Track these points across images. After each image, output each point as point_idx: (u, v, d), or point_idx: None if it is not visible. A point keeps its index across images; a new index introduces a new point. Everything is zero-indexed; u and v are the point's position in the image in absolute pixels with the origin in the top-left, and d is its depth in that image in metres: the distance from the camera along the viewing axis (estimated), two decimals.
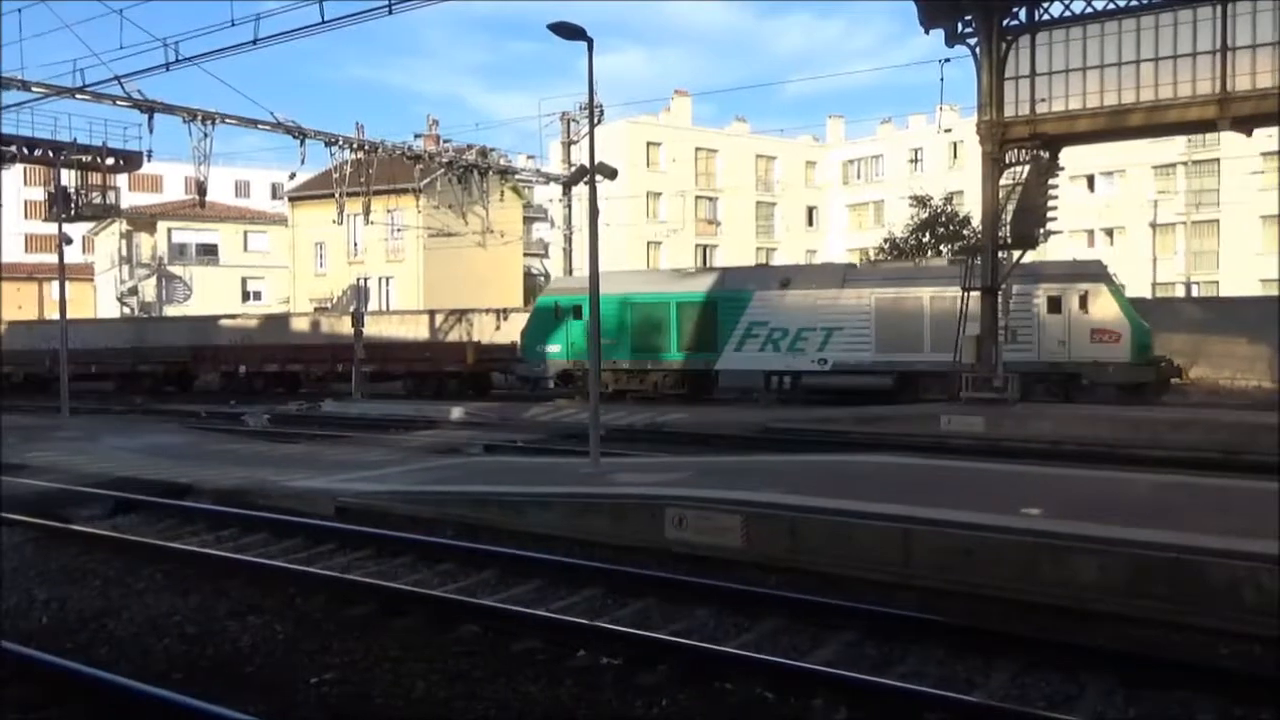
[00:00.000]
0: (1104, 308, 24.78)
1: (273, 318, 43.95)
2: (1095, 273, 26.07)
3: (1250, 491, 10.80)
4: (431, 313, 44.51)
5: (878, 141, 72.82)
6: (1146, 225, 55.50)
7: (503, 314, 42.59)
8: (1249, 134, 23.13)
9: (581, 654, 6.85)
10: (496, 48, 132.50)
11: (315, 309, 50.66)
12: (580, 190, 33.05)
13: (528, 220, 65.21)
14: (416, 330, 39.08)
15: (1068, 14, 22.46)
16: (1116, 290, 25.54)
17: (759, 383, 28.41)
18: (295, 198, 53.24)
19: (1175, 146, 54.00)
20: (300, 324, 40.86)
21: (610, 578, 8.65)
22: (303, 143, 30.98)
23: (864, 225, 70.51)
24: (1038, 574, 8.01)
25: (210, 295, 56.87)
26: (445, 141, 41.48)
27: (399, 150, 35.66)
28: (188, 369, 38.30)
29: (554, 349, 30.38)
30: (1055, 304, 25.04)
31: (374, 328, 35.97)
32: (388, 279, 51.39)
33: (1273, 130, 27.95)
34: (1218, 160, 53.68)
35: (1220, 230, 55.58)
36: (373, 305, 47.06)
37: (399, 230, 48.11)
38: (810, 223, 75.21)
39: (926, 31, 23.65)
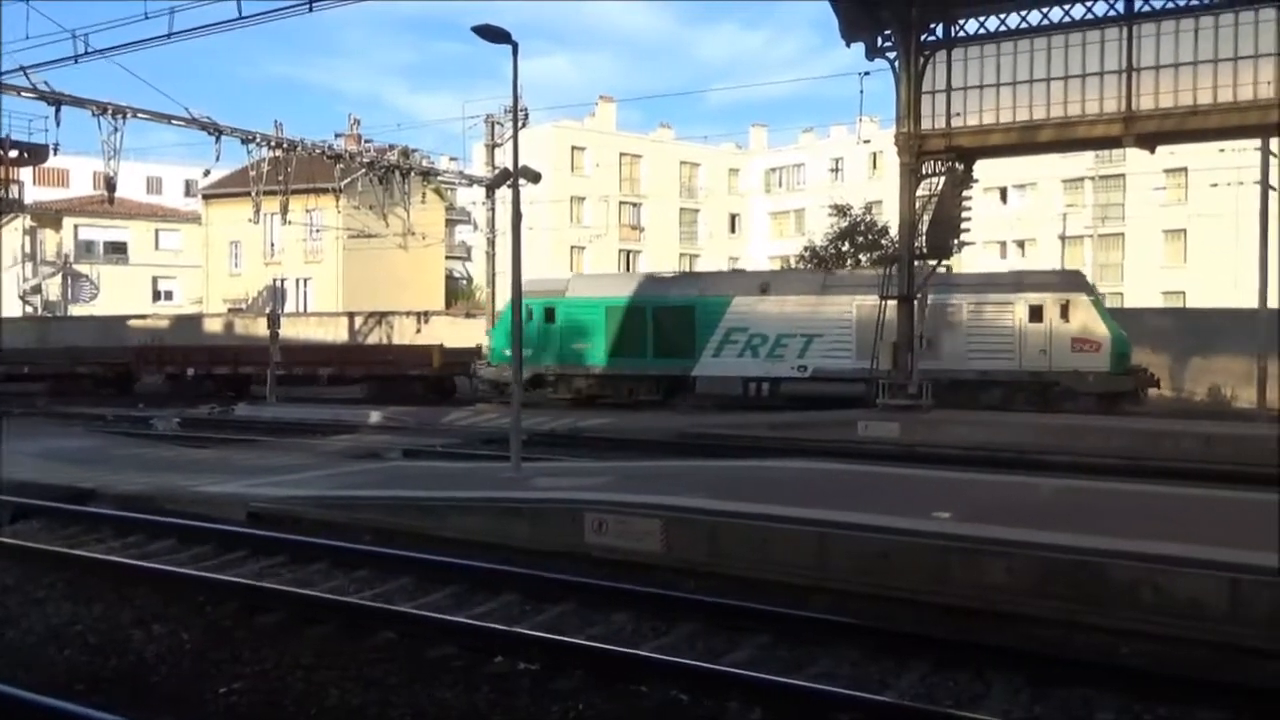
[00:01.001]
0: (1085, 318, 24.88)
1: (186, 318, 42.81)
2: (1076, 283, 26.26)
3: (1148, 496, 11.23)
4: (350, 315, 43.84)
5: (799, 150, 73.90)
6: (1056, 237, 57.28)
7: (423, 317, 42.03)
8: (1152, 151, 24.10)
9: (498, 660, 6.81)
10: (421, 48, 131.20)
11: (229, 310, 49.53)
12: (504, 193, 32.90)
13: (450, 223, 64.71)
14: (336, 332, 38.46)
15: (982, 31, 23.12)
16: (1097, 300, 25.83)
17: (737, 389, 28.06)
18: (210, 195, 51.96)
19: (1083, 162, 55.89)
20: (252, 325, 39.59)
21: (529, 583, 8.61)
22: (218, 139, 30.23)
23: (785, 233, 71.45)
24: (949, 576, 8.20)
25: (119, 295, 55.19)
26: (367, 141, 40.87)
27: (319, 149, 35.02)
28: (129, 370, 36.28)
29: (525, 352, 29.77)
30: (1037, 313, 25.07)
31: (319, 331, 35.10)
32: (305, 280, 50.47)
33: (1174, 148, 29.11)
34: (1123, 176, 55.71)
35: (1125, 244, 57.64)
36: (290, 306, 46.19)
37: (318, 231, 47.28)
38: (733, 229, 75.99)
39: (848, 44, 24.13)
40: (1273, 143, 27.34)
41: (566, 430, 22.09)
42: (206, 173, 42.79)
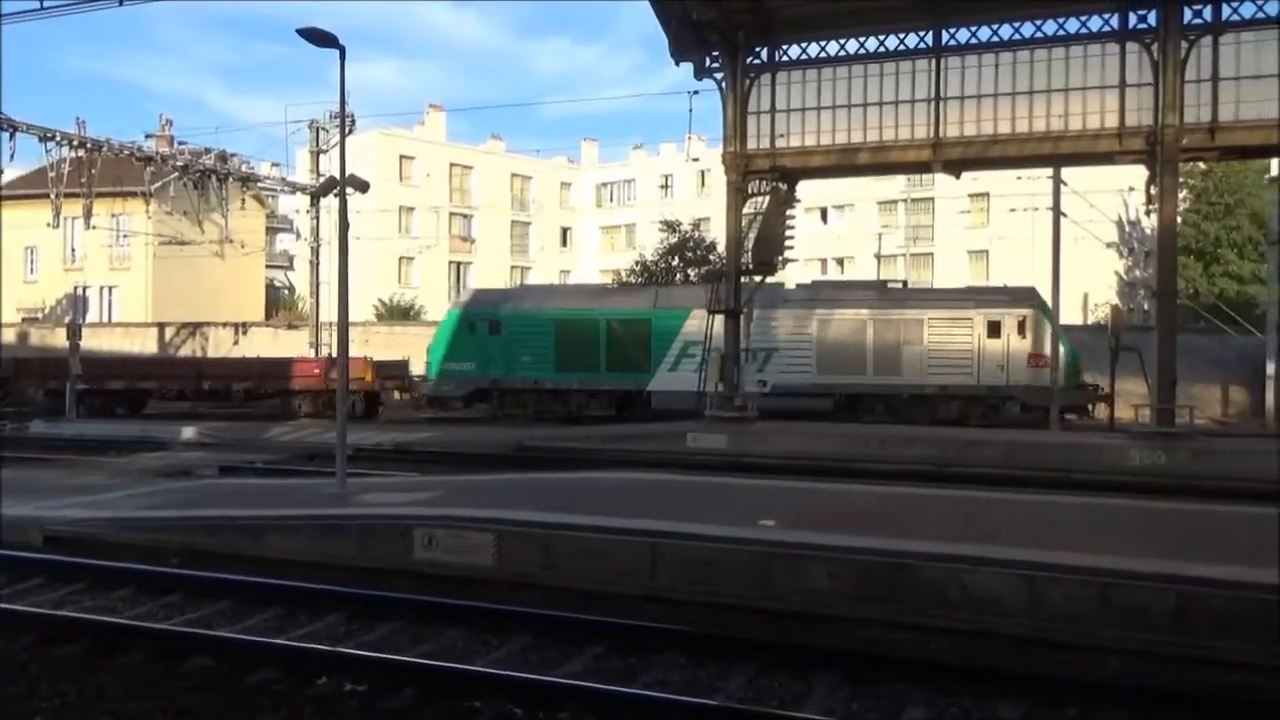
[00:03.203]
0: (1040, 334, 25.58)
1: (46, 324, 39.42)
2: (1030, 299, 26.75)
3: (955, 500, 11.93)
4: (161, 325, 41.54)
5: (630, 166, 74.94)
6: (872, 256, 60.15)
7: (241, 328, 40.28)
8: (957, 176, 25.70)
9: (323, 681, 6.59)
10: (242, 48, 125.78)
11: (24, 319, 46.06)
12: (328, 202, 31.99)
13: (271, 230, 62.29)
14: (144, 344, 36.24)
15: (804, 57, 24.09)
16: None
17: (692, 404, 27.26)
18: (2, 196, 48.09)
19: (897, 184, 58.96)
20: (49, 336, 36.29)
21: (356, 602, 8.38)
22: (12, 136, 28.34)
23: (616, 247, 72.26)
24: (774, 582, 8.48)
25: None
26: (180, 144, 38.92)
27: (127, 150, 33.11)
28: (3, 384, 32.66)
29: (467, 365, 28.71)
30: (995, 329, 25.59)
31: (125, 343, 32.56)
32: (111, 288, 47.46)
33: (978, 174, 31.09)
34: (932, 199, 59.08)
35: (934, 262, 61.08)
36: (94, 316, 43.33)
37: (125, 236, 44.57)
38: (564, 243, 76.25)
39: (677, 64, 24.65)
40: (1063, 172, 29.64)
41: (396, 445, 21.61)
42: None
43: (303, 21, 12.37)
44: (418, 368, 31.95)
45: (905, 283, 28.91)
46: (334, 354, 31.19)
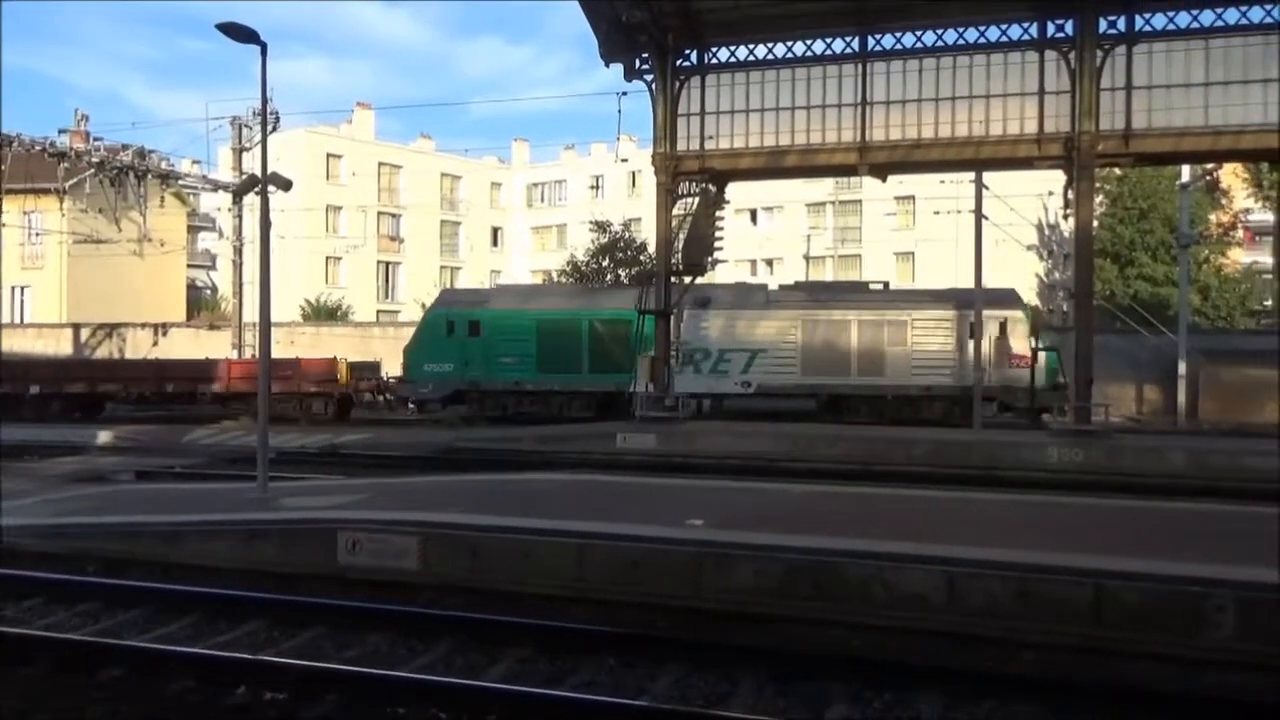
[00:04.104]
0: (1021, 334, 25.67)
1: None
2: (1012, 301, 26.84)
3: (883, 499, 12.11)
4: (76, 326, 40.31)
5: (561, 167, 74.68)
6: (801, 257, 60.75)
7: (161, 329, 39.25)
8: (884, 179, 26.08)
9: (241, 691, 6.45)
10: (165, 44, 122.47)
11: None
12: (251, 200, 31.20)
13: (193, 229, 60.76)
14: (58, 345, 34.99)
15: (733, 60, 24.26)
16: (1030, 317, 26.67)
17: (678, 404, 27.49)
18: None
19: (825, 187, 59.65)
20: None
21: (277, 608, 8.21)
22: None
23: (547, 247, 71.96)
24: (702, 581, 8.51)
25: None
26: (97, 140, 37.68)
27: (39, 145, 31.98)
28: None
29: (445, 367, 28.06)
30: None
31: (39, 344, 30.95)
32: (22, 288, 45.86)
33: (903, 177, 31.60)
34: (860, 201, 59.91)
35: (862, 264, 61.93)
36: (4, 317, 41.85)
37: (38, 234, 43.11)
38: (495, 243, 75.70)
39: (607, 65, 24.68)
40: (985, 176, 30.26)
41: (320, 448, 21.24)
42: None
43: (232, 18, 12.09)
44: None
45: (887, 284, 29.10)
46: (305, 356, 30.86)
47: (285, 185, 13.97)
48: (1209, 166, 34.33)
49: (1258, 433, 26.03)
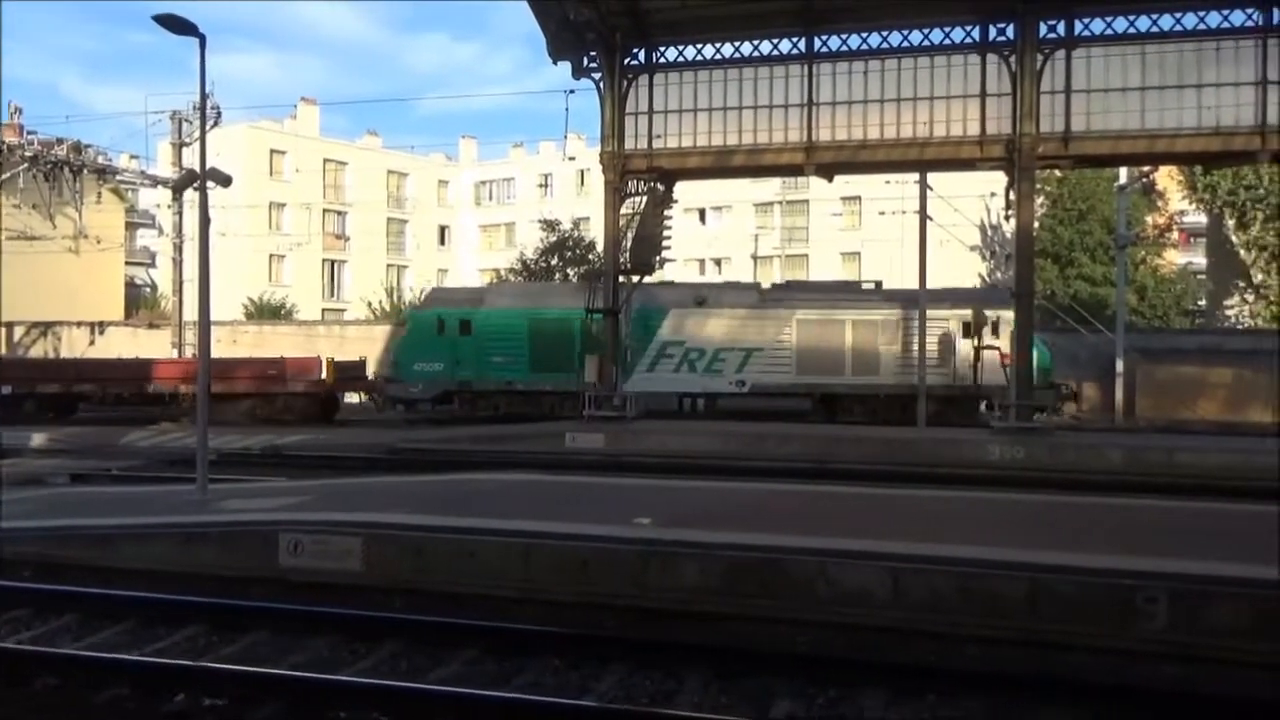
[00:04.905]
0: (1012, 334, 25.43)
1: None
2: (1003, 300, 26.33)
3: (828, 496, 12.21)
4: (9, 325, 39.27)
5: (509, 164, 74.31)
6: (749, 257, 61.09)
7: (98, 327, 38.40)
8: (830, 179, 26.33)
9: (180, 698, 6.32)
10: (101, 35, 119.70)
11: None
12: (191, 196, 30.62)
13: (131, 226, 59.54)
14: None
15: (681, 59, 24.32)
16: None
17: (671, 405, 26.87)
18: None
19: (772, 187, 60.05)
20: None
21: (216, 612, 8.06)
22: None
23: (495, 246, 71.57)
24: (648, 579, 8.51)
25: None
26: (30, 133, 36.74)
27: None
28: None
29: (435, 366, 27.55)
30: (968, 329, 25.55)
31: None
32: None
33: (849, 178, 31.90)
34: (807, 202, 60.41)
35: (809, 264, 62.45)
36: None
37: None
38: (442, 241, 75.11)
39: (555, 63, 24.64)
40: (929, 176, 30.68)
41: (263, 449, 20.92)
42: None
43: (176, 10, 11.86)
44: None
45: (879, 283, 29.21)
46: (290, 355, 30.23)
47: (225, 181, 13.70)
48: (1145, 169, 35.22)
49: (1191, 429, 26.76)
